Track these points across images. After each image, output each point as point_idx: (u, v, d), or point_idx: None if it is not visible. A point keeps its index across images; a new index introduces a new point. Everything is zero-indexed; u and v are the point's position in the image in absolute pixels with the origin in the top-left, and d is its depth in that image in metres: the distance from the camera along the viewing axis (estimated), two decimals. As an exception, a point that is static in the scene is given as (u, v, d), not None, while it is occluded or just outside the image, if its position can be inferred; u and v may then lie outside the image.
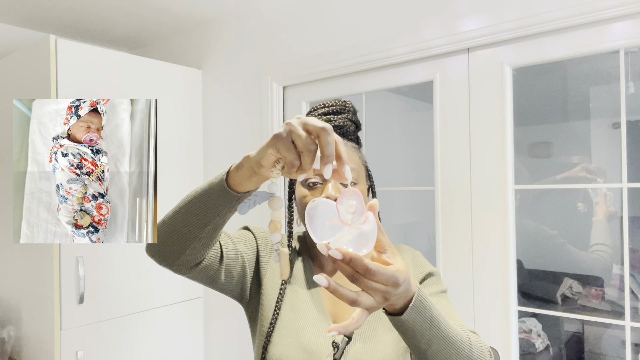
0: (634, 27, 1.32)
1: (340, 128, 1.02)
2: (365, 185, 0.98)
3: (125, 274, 2.06)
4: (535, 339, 2.01)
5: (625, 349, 1.38)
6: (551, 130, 2.10)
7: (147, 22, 2.39)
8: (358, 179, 0.94)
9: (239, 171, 0.70)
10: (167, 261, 0.83)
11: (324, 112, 1.03)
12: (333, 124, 1.01)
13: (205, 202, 0.75)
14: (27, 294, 2.01)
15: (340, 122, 1.01)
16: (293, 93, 2.13)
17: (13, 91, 2.09)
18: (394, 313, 0.67)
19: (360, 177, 0.96)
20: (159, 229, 0.82)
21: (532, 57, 1.49)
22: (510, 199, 1.52)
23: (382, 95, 2.29)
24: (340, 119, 1.02)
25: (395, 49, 1.73)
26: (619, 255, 1.87)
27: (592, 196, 1.68)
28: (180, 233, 0.79)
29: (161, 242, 0.82)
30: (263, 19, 2.19)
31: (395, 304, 0.65)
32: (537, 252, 2.11)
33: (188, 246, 0.80)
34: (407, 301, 0.66)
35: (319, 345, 0.89)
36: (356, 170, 0.94)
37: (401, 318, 0.66)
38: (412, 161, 2.43)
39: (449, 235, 1.66)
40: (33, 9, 2.21)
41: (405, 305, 0.66)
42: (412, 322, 0.66)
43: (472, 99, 1.61)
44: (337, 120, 1.01)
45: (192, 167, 2.36)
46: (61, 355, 1.86)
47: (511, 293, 1.52)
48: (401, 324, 0.67)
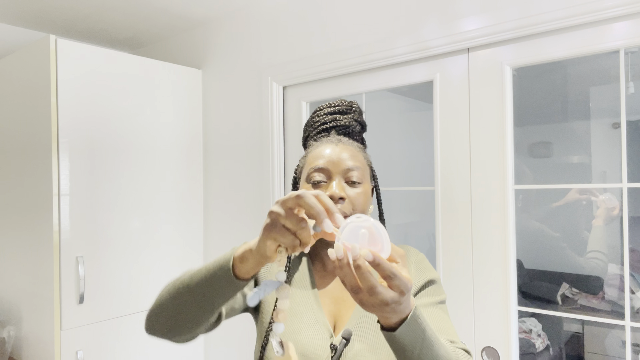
0: (634, 27, 1.32)
1: (346, 128, 1.02)
2: (369, 185, 0.98)
3: (125, 274, 2.07)
4: (535, 339, 2.01)
5: (625, 349, 1.38)
6: (551, 130, 2.10)
7: (147, 22, 2.39)
8: (362, 179, 0.94)
9: (244, 263, 0.71)
10: (169, 339, 0.84)
11: (330, 112, 1.03)
12: (339, 123, 1.01)
13: (209, 292, 0.75)
14: (27, 294, 2.01)
15: (346, 122, 1.02)
16: (293, 93, 2.13)
17: (13, 91, 2.09)
18: (387, 327, 0.68)
19: (365, 177, 0.96)
20: (156, 311, 0.82)
21: (532, 57, 1.49)
22: (510, 199, 1.52)
23: (382, 95, 2.29)
24: (346, 119, 1.02)
25: (395, 49, 1.73)
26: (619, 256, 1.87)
27: (593, 207, 1.68)
28: (181, 321, 0.79)
29: (160, 326, 0.82)
30: (263, 19, 2.19)
31: (391, 318, 0.65)
32: (537, 252, 2.11)
33: (191, 330, 0.81)
34: (403, 317, 0.66)
35: (315, 348, 0.89)
36: (361, 169, 0.95)
37: (394, 334, 0.66)
38: (412, 161, 2.43)
39: (449, 235, 1.66)
40: (33, 9, 2.21)
41: (400, 320, 0.66)
42: (403, 339, 0.67)
43: (472, 99, 1.61)
44: (343, 120, 1.02)
45: (192, 167, 2.36)
46: (61, 355, 1.86)
47: (511, 293, 1.52)
48: (393, 338, 0.67)
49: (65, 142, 1.89)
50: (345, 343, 0.88)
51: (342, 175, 0.93)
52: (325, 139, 0.99)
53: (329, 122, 1.02)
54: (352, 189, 0.93)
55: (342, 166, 0.93)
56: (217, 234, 2.37)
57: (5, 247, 2.17)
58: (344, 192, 0.91)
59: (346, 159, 0.94)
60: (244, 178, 2.25)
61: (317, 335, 0.91)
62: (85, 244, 1.94)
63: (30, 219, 1.99)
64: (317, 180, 0.93)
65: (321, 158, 0.94)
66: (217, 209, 2.37)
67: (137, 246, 2.12)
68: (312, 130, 1.04)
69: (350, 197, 0.92)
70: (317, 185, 0.93)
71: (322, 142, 0.98)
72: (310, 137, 1.05)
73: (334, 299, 0.97)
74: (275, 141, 2.12)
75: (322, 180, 0.93)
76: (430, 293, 0.97)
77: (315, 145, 0.99)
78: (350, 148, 0.96)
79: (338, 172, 0.93)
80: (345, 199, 0.91)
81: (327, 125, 1.02)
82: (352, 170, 0.93)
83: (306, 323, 0.93)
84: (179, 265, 2.28)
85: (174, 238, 2.27)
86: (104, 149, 2.01)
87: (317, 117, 1.04)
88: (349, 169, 0.93)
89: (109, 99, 2.03)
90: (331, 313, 0.96)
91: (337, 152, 0.94)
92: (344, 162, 0.93)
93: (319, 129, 1.03)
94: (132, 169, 2.11)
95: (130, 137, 2.11)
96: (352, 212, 0.91)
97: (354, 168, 0.93)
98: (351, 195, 0.92)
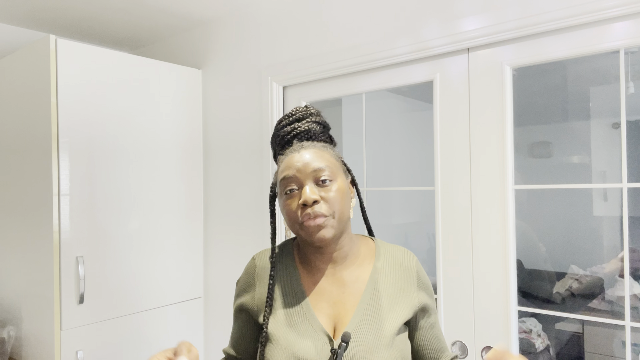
0: (634, 27, 1.32)
1: (307, 132, 1.01)
2: (344, 180, 0.97)
3: (125, 274, 2.07)
4: (535, 339, 2.01)
5: (625, 349, 1.37)
6: (551, 130, 2.10)
7: (147, 22, 2.39)
8: (333, 176, 0.94)
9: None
10: None
11: (288, 122, 1.03)
12: (298, 130, 1.01)
13: None
14: (27, 294, 2.01)
15: (304, 127, 1.01)
16: (293, 93, 2.13)
17: (13, 91, 2.09)
18: None
19: (337, 174, 0.96)
20: None
21: (532, 57, 1.49)
22: (510, 199, 1.52)
23: (382, 95, 2.29)
24: (304, 124, 1.02)
25: (395, 49, 1.73)
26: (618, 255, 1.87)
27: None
28: None
29: None
30: (263, 19, 2.19)
31: None
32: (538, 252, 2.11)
33: None
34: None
35: (314, 356, 0.90)
36: (329, 167, 0.94)
37: None
38: (412, 161, 2.43)
39: (449, 235, 1.66)
40: (33, 9, 2.21)
41: None
42: None
43: (472, 99, 1.61)
44: (301, 126, 1.01)
45: (192, 167, 2.36)
46: (61, 355, 1.86)
47: (511, 293, 1.52)
48: None
49: (65, 142, 1.89)
50: (345, 346, 0.88)
51: (311, 178, 0.93)
52: (288, 150, 1.00)
53: (288, 132, 1.02)
54: (324, 188, 0.92)
55: (309, 169, 0.93)
56: (217, 234, 2.37)
57: (5, 247, 2.17)
58: (316, 195, 0.90)
59: (311, 161, 0.94)
60: (244, 178, 2.25)
61: (314, 343, 0.91)
62: (85, 244, 1.94)
63: (30, 219, 1.99)
64: (290, 189, 0.93)
65: (288, 169, 0.94)
66: (217, 209, 2.37)
67: (137, 246, 2.12)
68: (276, 145, 1.05)
69: (324, 197, 0.92)
70: (290, 194, 0.94)
71: (287, 153, 0.99)
72: (277, 153, 1.05)
73: (332, 302, 0.97)
74: (275, 141, 2.12)
75: (294, 188, 0.93)
76: (432, 311, 1.04)
77: (281, 159, 1.00)
78: (313, 150, 0.96)
79: (307, 177, 0.93)
80: (319, 201, 0.91)
81: (288, 137, 1.02)
82: (320, 171, 0.93)
83: (302, 332, 0.93)
84: (179, 265, 2.29)
85: (174, 238, 2.27)
86: (104, 149, 2.01)
87: (277, 131, 1.05)
88: (315, 169, 0.93)
89: (109, 98, 2.03)
90: (330, 316, 0.96)
91: (301, 158, 0.94)
92: (310, 165, 0.93)
93: (281, 143, 1.03)
94: (132, 169, 2.11)
95: (130, 137, 2.11)
96: (330, 210, 0.91)
97: (322, 167, 0.93)
98: (324, 196, 0.92)
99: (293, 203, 0.93)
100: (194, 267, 2.35)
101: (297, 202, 0.92)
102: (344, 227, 0.95)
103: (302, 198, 0.90)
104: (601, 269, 1.99)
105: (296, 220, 0.92)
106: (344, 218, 0.94)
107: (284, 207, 0.95)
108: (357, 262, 1.01)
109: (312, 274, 1.00)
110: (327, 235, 0.91)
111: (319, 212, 0.90)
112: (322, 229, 0.90)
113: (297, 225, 0.93)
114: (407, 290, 0.99)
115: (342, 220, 0.94)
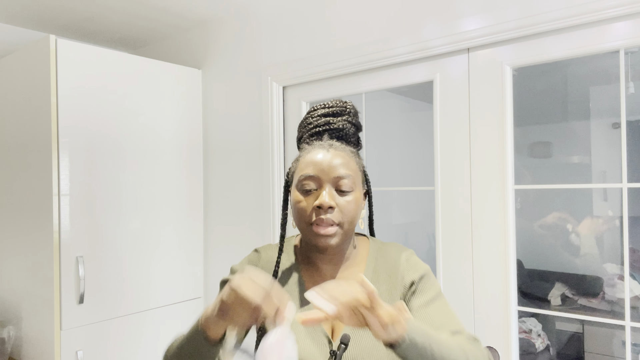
0: (634, 27, 1.32)
1: (340, 131, 0.99)
2: (361, 191, 0.96)
3: (125, 274, 2.07)
4: (535, 339, 2.01)
5: (625, 349, 1.38)
6: (551, 130, 2.10)
7: (147, 22, 2.39)
8: (353, 187, 0.93)
9: (210, 328, 0.79)
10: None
11: (323, 114, 1.00)
12: (332, 126, 0.99)
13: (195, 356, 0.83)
14: (27, 294, 2.01)
15: (339, 124, 0.99)
16: (293, 93, 2.13)
17: (13, 91, 2.09)
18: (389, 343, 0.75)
19: (356, 185, 0.94)
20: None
21: (532, 57, 1.49)
22: (510, 199, 1.52)
23: (382, 95, 2.29)
24: (339, 121, 0.99)
25: (395, 49, 1.73)
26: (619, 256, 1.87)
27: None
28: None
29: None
30: (263, 19, 2.19)
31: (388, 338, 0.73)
32: (538, 252, 2.11)
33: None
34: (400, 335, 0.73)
35: (314, 357, 0.90)
36: (352, 177, 0.93)
37: (395, 350, 0.74)
38: (412, 161, 2.43)
39: (449, 235, 1.66)
40: (33, 9, 2.21)
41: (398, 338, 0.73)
42: (405, 354, 0.74)
43: (472, 99, 1.61)
44: (336, 123, 0.99)
45: (192, 167, 2.36)
46: (61, 355, 1.86)
47: (511, 293, 1.52)
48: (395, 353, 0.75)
49: (65, 141, 1.89)
50: (344, 348, 0.88)
51: (332, 183, 0.92)
52: (317, 143, 0.97)
53: (321, 125, 0.99)
54: (342, 197, 0.92)
55: (333, 174, 0.91)
56: (218, 234, 2.37)
57: (5, 247, 2.17)
58: (333, 201, 0.90)
59: (337, 166, 0.92)
60: (244, 178, 2.25)
61: (314, 344, 0.91)
62: (85, 244, 1.94)
63: (30, 219, 1.99)
64: (307, 189, 0.92)
65: (312, 165, 0.93)
66: (217, 209, 2.37)
67: (137, 246, 2.12)
68: (305, 132, 1.02)
69: (340, 205, 0.91)
70: (307, 193, 0.92)
71: (314, 147, 0.96)
72: (303, 140, 1.03)
73: None
74: (275, 141, 2.12)
75: (312, 188, 0.92)
76: (424, 290, 0.96)
77: (307, 150, 0.98)
78: (342, 154, 0.94)
79: (328, 181, 0.91)
80: (335, 208, 0.90)
81: (320, 129, 1.00)
82: (342, 179, 0.92)
83: (302, 333, 0.92)
84: (179, 265, 2.29)
85: (174, 238, 2.27)
86: (104, 149, 2.01)
87: (311, 118, 1.02)
88: (339, 177, 0.91)
89: (109, 98, 2.03)
90: None
91: (328, 160, 0.92)
92: (335, 170, 0.92)
93: (311, 132, 1.01)
94: (132, 168, 2.11)
95: (130, 137, 2.11)
96: (342, 219, 0.91)
97: (345, 176, 0.92)
98: (341, 204, 0.91)
99: (308, 201, 0.92)
100: (194, 267, 2.35)
101: (312, 202, 0.91)
102: (350, 235, 0.95)
103: (319, 200, 0.89)
104: (601, 268, 1.99)
105: (307, 220, 0.92)
106: (352, 228, 0.94)
107: (296, 202, 0.94)
108: (357, 262, 1.01)
109: (313, 274, 1.00)
110: (333, 243, 0.91)
111: (331, 219, 0.89)
112: (330, 238, 0.91)
113: (305, 225, 0.92)
114: (395, 283, 0.97)
115: (350, 230, 0.94)
